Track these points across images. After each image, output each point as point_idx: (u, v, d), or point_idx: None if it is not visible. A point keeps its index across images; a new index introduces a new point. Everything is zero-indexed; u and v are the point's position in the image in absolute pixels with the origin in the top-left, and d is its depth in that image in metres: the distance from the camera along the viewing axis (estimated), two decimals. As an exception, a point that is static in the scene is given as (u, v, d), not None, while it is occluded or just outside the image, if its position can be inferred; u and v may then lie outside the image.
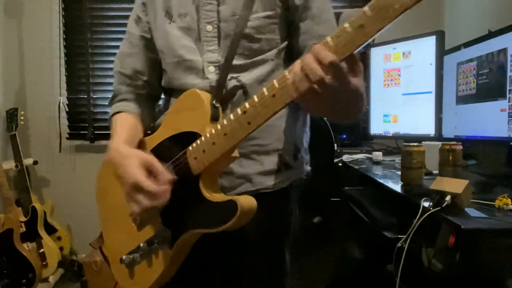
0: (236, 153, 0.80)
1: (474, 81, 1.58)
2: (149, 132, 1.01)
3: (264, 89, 0.70)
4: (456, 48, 1.73)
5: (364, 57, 2.29)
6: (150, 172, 0.81)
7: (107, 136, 0.98)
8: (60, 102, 2.66)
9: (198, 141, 0.81)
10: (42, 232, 2.42)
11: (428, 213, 0.97)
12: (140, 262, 0.91)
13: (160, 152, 0.88)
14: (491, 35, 1.52)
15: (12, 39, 2.66)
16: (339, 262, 1.96)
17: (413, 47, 2.01)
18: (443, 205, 0.96)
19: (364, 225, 1.43)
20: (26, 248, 2.34)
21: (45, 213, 2.48)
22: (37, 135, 2.72)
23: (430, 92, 1.91)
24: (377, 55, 2.21)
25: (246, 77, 0.88)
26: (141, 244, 0.89)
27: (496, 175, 1.38)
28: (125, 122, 0.96)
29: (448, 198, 0.97)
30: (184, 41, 0.91)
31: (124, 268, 0.93)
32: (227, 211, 0.76)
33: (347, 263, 1.95)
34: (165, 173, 0.80)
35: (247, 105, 0.73)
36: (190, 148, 0.82)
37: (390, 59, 2.13)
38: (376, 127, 2.24)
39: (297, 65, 0.63)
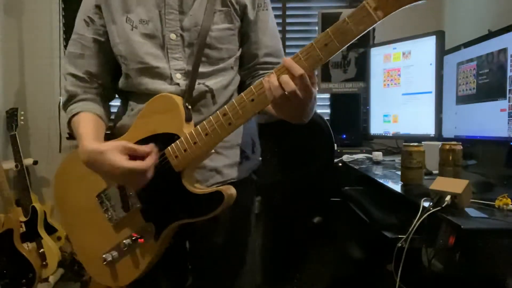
0: (212, 150, 0.89)
1: (474, 81, 1.58)
2: (108, 132, 1.03)
3: (243, 94, 0.81)
4: (456, 48, 1.73)
5: (364, 57, 2.29)
6: (131, 155, 0.87)
7: (106, 136, 0.99)
8: (60, 102, 2.66)
9: (178, 142, 0.88)
10: (42, 232, 2.42)
11: (428, 213, 0.97)
12: (122, 259, 0.95)
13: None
14: (491, 35, 1.52)
15: (12, 39, 2.66)
16: (339, 262, 1.96)
17: (413, 47, 2.01)
18: (443, 205, 0.96)
19: (364, 225, 1.43)
20: (26, 248, 2.34)
21: (45, 213, 2.47)
22: (37, 135, 2.72)
23: (430, 92, 1.91)
24: (377, 55, 2.21)
25: (212, 83, 0.98)
26: (124, 241, 0.93)
27: (496, 175, 1.38)
28: (88, 122, 0.97)
29: (448, 198, 0.97)
30: (148, 48, 0.95)
31: (104, 267, 0.97)
32: (213, 201, 0.87)
33: (347, 263, 1.95)
34: (145, 148, 0.87)
35: (227, 108, 0.83)
36: (169, 148, 0.89)
37: (390, 59, 2.13)
38: (376, 127, 2.24)
39: (272, 76, 0.76)
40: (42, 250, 2.39)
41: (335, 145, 1.93)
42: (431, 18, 2.40)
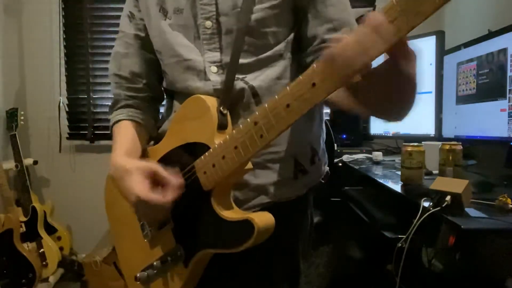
0: (249, 165, 0.73)
1: (474, 81, 1.58)
2: (156, 133, 0.96)
3: (277, 97, 0.62)
4: (456, 48, 1.73)
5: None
6: (157, 182, 0.76)
7: (107, 136, 0.97)
8: (60, 102, 2.66)
9: (207, 154, 0.74)
10: (42, 232, 2.42)
11: (428, 213, 0.97)
12: (156, 280, 0.86)
13: (165, 165, 0.82)
14: (491, 35, 1.52)
15: (12, 39, 2.66)
16: (339, 262, 1.96)
17: (413, 47, 2.00)
18: (443, 205, 0.96)
19: (364, 225, 1.43)
20: (26, 248, 2.34)
21: (45, 213, 2.47)
22: (37, 135, 2.72)
23: (430, 92, 1.91)
24: (377, 55, 2.21)
25: (253, 78, 0.80)
26: (155, 262, 0.83)
27: (496, 175, 1.38)
28: (127, 133, 0.90)
29: (448, 198, 0.97)
30: (181, 39, 0.83)
31: (140, 286, 0.88)
32: (242, 231, 0.70)
33: (347, 263, 1.95)
34: (172, 180, 0.75)
35: (257, 114, 0.65)
36: (198, 161, 0.75)
37: (390, 59, 2.12)
38: (376, 127, 2.24)
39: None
40: (42, 250, 2.39)
41: (335, 145, 1.93)
42: (431, 18, 2.39)
